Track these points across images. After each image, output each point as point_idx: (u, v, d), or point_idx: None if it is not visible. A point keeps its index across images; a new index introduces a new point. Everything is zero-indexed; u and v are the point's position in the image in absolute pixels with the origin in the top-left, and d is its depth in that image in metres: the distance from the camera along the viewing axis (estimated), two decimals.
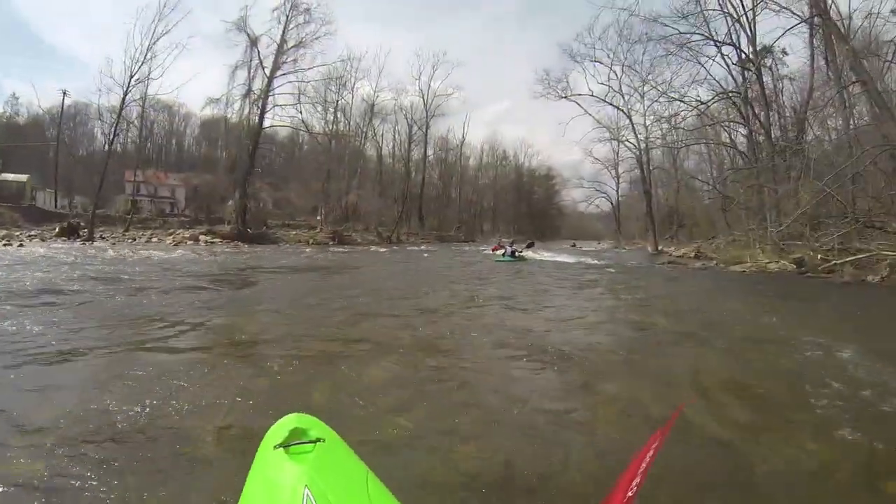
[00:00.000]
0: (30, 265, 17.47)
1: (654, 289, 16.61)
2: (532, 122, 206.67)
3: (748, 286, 18.23)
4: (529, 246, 34.78)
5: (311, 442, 2.15)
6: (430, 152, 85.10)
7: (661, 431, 1.59)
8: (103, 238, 40.36)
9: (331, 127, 63.30)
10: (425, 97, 76.35)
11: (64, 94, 52.37)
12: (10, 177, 59.40)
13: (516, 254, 29.13)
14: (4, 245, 29.93)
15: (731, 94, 36.82)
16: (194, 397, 4.41)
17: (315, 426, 2.34)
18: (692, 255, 36.59)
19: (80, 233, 40.64)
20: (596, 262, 29.64)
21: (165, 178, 73.44)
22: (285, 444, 2.13)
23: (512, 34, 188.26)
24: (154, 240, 40.50)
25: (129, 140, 79.75)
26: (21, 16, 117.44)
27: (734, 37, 35.71)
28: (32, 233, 41.78)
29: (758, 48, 34.70)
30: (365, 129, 71.81)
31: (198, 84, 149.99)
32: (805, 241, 26.12)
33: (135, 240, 40.47)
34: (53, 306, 9.06)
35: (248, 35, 49.14)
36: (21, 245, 30.65)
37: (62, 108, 53.76)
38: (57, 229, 41.17)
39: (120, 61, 50.59)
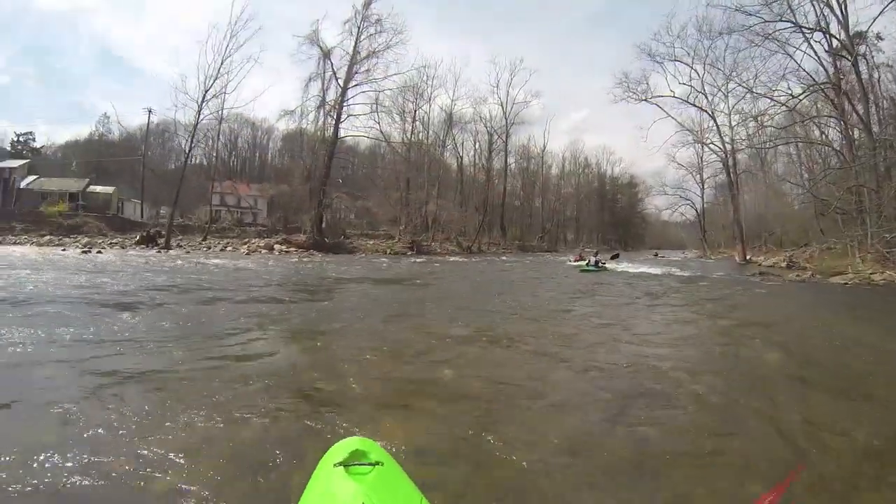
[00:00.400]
0: (96, 273, 17.80)
1: (751, 307, 14.84)
2: (612, 129, 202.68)
3: (855, 302, 16.35)
4: (614, 258, 33.90)
5: (370, 464, 2.28)
6: (511, 161, 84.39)
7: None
8: (180, 246, 41.77)
9: (409, 137, 63.36)
10: (504, 105, 75.41)
11: (149, 112, 53.54)
12: (98, 188, 61.94)
13: (599, 264, 28.70)
14: (83, 252, 31.23)
15: (823, 87, 34.02)
16: (247, 416, 4.30)
17: (374, 450, 2.47)
18: (783, 264, 34.91)
19: (158, 241, 42.02)
20: (683, 273, 27.74)
21: (247, 189, 74.67)
22: (345, 464, 2.26)
23: (588, 42, 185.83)
24: (229, 248, 41.14)
25: (214, 153, 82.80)
26: (113, 45, 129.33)
27: (823, 23, 32.72)
28: (114, 241, 43.45)
29: (851, 33, 31.82)
30: (444, 139, 71.88)
31: (275, 98, 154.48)
32: None
33: (209, 248, 41.53)
34: (121, 311, 9.43)
35: (321, 48, 49.63)
36: (100, 252, 32.21)
37: (147, 124, 54.94)
38: (137, 238, 42.86)
39: (194, 77, 50.83)
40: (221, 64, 46.52)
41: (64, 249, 34.33)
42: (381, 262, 33.85)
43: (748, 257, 47.69)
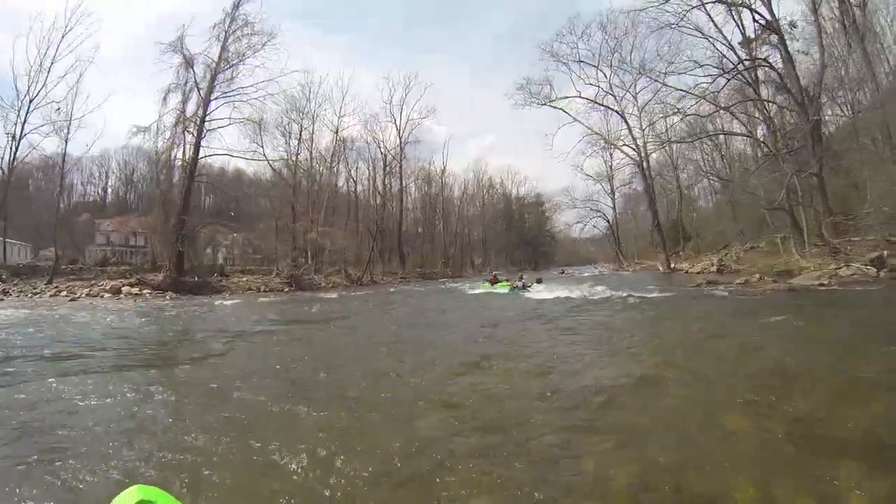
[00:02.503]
0: None
1: (765, 346, 8.39)
2: (519, 152, 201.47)
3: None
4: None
5: None
6: (409, 184, 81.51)
7: None
8: (6, 293, 35.37)
9: (294, 158, 57.20)
10: (398, 123, 72.27)
11: (12, 138, 44.47)
12: None
13: (526, 286, 26.41)
14: None
15: (741, 70, 31.23)
16: None
17: (161, 497, 2.26)
18: (714, 269, 32.35)
19: None
20: (614, 293, 20.74)
21: (119, 226, 69.66)
22: None
23: (491, 68, 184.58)
24: (63, 294, 34.69)
25: (108, 189, 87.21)
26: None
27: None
28: None
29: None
30: (331, 162, 66.44)
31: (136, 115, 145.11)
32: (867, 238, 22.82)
33: (38, 293, 35.28)
34: None
35: (184, 55, 42.56)
36: None
37: (13, 154, 46.28)
38: None
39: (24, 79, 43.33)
40: (51, 65, 41.19)
41: None
42: (225, 304, 26.98)
43: (672, 265, 43.82)
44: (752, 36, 31.31)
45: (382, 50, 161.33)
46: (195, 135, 42.56)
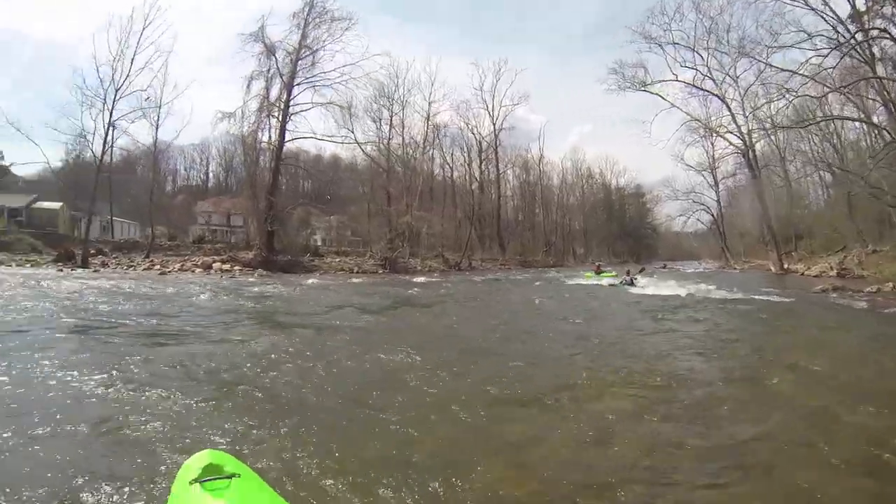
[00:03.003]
0: None
1: None
2: (614, 141, 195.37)
3: None
4: (641, 271, 29.96)
5: (227, 477, 2.31)
6: (506, 171, 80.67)
7: None
8: (105, 265, 38.14)
9: (386, 144, 57.08)
10: (490, 109, 71.66)
11: (111, 126, 46.10)
12: (45, 205, 58.62)
13: (634, 281, 25.29)
14: None
15: (864, 37, 27.18)
16: None
17: (229, 462, 2.50)
18: (833, 273, 29.71)
19: (75, 259, 38.11)
20: (726, 294, 19.03)
21: (207, 206, 72.71)
22: (200, 479, 2.28)
23: (579, 53, 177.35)
24: (155, 268, 36.14)
25: (209, 173, 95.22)
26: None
27: None
28: (30, 258, 40.40)
29: None
30: (424, 147, 66.36)
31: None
32: None
33: (132, 267, 37.24)
34: None
35: (265, 44, 44.25)
36: None
37: (111, 139, 47.65)
38: (55, 255, 39.51)
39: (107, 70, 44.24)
40: (134, 55, 42.18)
41: None
42: (312, 283, 27.22)
43: (785, 266, 40.75)
44: (863, 8, 27.78)
45: (461, 39, 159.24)
46: (280, 119, 44.13)
